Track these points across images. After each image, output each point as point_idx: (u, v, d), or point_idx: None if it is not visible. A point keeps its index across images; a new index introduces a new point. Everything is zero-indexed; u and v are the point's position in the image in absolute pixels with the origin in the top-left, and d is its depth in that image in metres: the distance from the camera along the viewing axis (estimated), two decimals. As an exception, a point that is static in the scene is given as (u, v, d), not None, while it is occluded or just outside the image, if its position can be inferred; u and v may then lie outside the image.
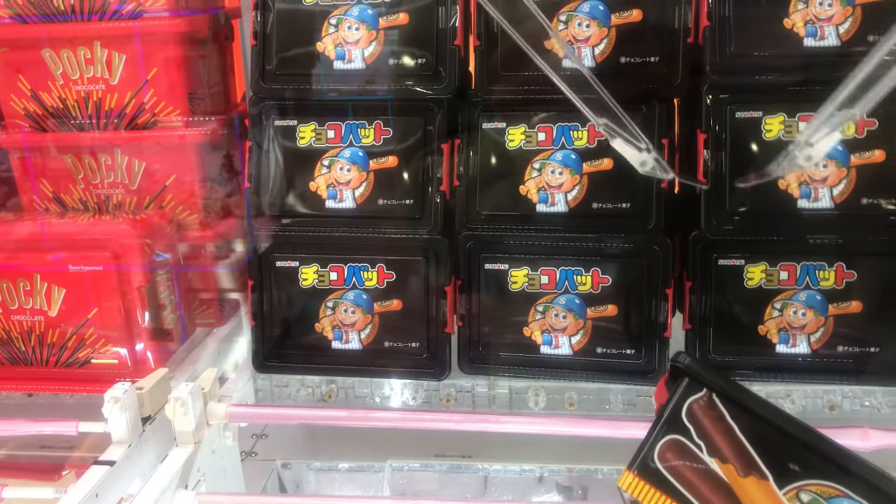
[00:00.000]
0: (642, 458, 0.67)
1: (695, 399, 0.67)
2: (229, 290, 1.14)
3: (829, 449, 0.64)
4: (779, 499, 0.63)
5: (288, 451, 1.15)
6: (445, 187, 0.96)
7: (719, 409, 0.66)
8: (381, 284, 0.97)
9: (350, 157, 0.97)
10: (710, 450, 0.65)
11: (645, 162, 0.80)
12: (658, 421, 0.67)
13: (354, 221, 0.97)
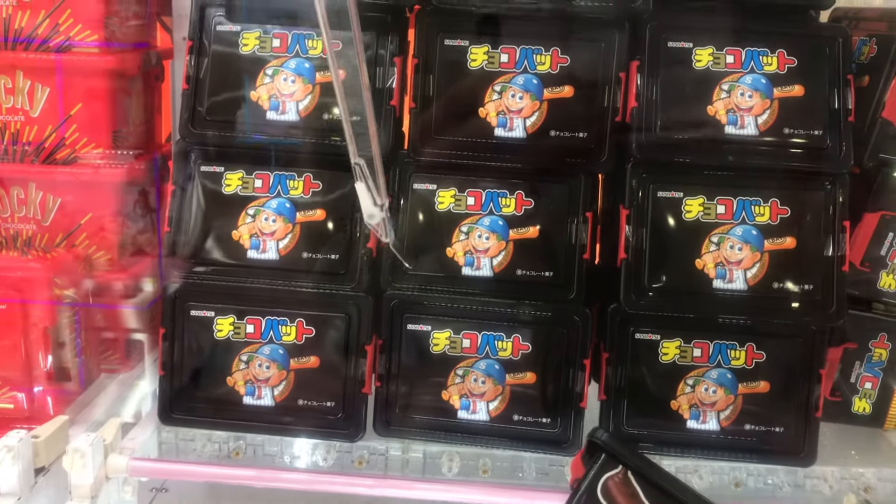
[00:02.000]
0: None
1: (611, 476, 0.67)
2: (137, 333, 1.09)
3: None
4: None
5: None
6: (373, 244, 0.95)
7: (633, 487, 0.67)
8: (300, 340, 0.95)
9: (276, 208, 0.96)
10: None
11: (373, 216, 0.82)
12: (573, 496, 0.68)
13: (276, 273, 0.95)
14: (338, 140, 0.94)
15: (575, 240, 0.94)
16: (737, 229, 0.92)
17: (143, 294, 1.10)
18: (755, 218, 0.92)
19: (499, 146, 0.94)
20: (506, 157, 0.94)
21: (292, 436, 0.97)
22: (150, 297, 1.10)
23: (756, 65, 0.92)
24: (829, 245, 0.91)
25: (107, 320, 1.08)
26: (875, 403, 1.01)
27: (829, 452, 0.98)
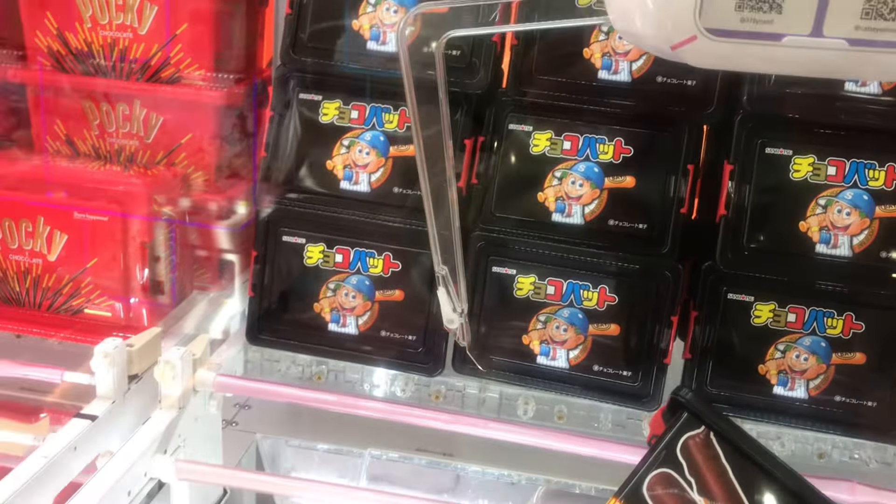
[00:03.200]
0: (631, 487, 0.66)
1: (691, 435, 0.66)
2: (229, 254, 1.12)
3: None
4: None
5: (269, 426, 1.14)
6: (463, 184, 0.94)
7: (715, 449, 0.65)
8: (386, 273, 0.96)
9: (371, 141, 0.96)
10: (700, 488, 0.65)
11: (452, 321, 0.81)
12: (652, 452, 0.67)
13: (367, 206, 0.96)
14: (432, 74, 0.93)
15: (673, 192, 0.91)
16: (847, 193, 0.87)
17: (237, 216, 1.13)
18: (868, 182, 0.87)
19: (602, 89, 0.92)
20: (608, 101, 0.92)
21: (373, 365, 0.99)
22: (243, 219, 1.13)
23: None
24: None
25: (201, 239, 1.11)
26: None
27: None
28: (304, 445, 1.13)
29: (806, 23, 0.52)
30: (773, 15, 0.52)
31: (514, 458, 1.07)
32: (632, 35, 0.58)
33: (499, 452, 1.07)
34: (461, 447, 1.09)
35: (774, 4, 0.52)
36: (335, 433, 1.12)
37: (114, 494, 0.73)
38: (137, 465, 0.77)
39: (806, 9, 0.52)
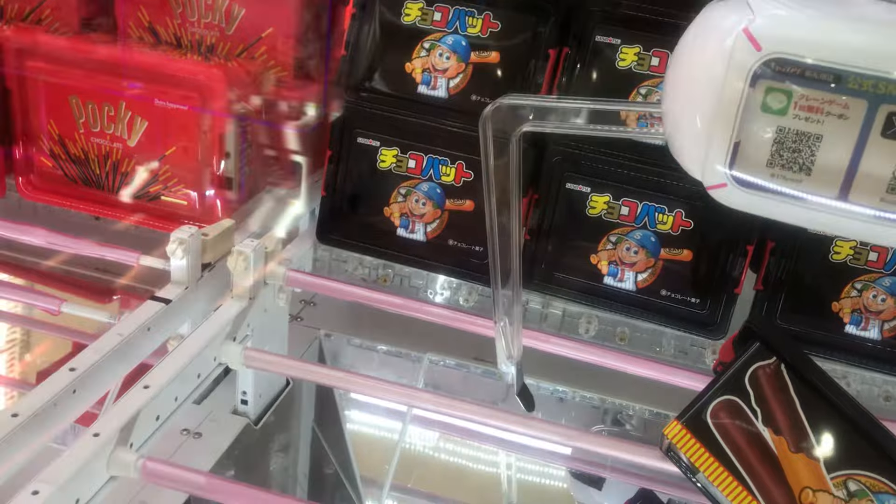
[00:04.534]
0: (695, 412, 0.66)
1: (761, 365, 0.65)
2: (299, 155, 1.12)
3: (889, 444, 0.62)
4: (825, 482, 0.62)
5: (332, 323, 1.16)
6: (544, 94, 0.92)
7: (784, 381, 0.64)
8: (458, 182, 0.95)
9: (452, 45, 0.94)
10: (766, 419, 0.64)
11: (504, 370, 0.80)
12: (719, 379, 0.66)
13: (443, 112, 0.95)
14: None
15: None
16: None
17: (309, 117, 1.13)
18: None
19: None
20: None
21: (438, 273, 0.99)
22: (314, 121, 1.12)
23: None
24: None
25: (273, 137, 1.12)
26: None
27: None
28: (366, 345, 1.15)
29: (833, 188, 0.53)
30: (802, 175, 0.53)
31: (570, 375, 1.08)
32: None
33: (556, 369, 1.08)
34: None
35: (804, 166, 0.53)
36: (396, 336, 1.14)
37: (185, 375, 0.76)
38: (207, 349, 0.79)
39: (834, 175, 0.53)
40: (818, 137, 0.53)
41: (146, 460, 0.66)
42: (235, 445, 0.94)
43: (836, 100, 0.51)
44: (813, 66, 0.51)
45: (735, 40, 0.52)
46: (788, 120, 0.53)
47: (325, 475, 1.25)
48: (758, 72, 0.52)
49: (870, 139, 0.51)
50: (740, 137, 0.54)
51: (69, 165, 1.05)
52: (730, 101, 0.53)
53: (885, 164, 0.52)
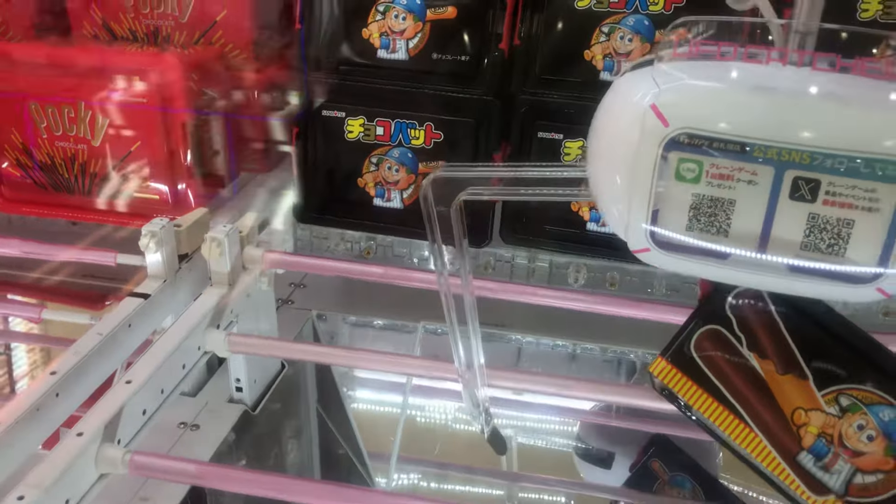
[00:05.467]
0: (677, 346, 0.64)
1: (741, 291, 0.63)
2: (276, 137, 1.11)
3: (877, 355, 0.61)
4: (816, 400, 0.61)
5: (324, 303, 1.15)
6: (505, 45, 0.90)
7: (766, 303, 0.62)
8: (428, 144, 0.94)
9: (407, 4, 0.91)
10: (751, 344, 0.63)
11: (473, 416, 0.78)
12: (699, 310, 0.64)
13: (406, 74, 0.93)
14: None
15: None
16: None
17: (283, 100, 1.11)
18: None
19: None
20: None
21: (420, 238, 0.98)
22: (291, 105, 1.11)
23: None
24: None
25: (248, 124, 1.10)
26: None
27: None
28: (360, 322, 1.14)
29: (750, 248, 0.56)
30: (721, 238, 0.56)
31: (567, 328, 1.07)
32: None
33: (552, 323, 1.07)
34: (514, 319, 1.09)
35: (721, 229, 0.56)
36: (389, 308, 1.13)
37: (169, 366, 0.75)
38: (190, 339, 0.78)
39: (750, 236, 0.56)
40: (731, 202, 0.55)
41: (134, 454, 0.65)
42: (237, 434, 0.93)
43: (745, 167, 0.54)
44: (719, 137, 0.53)
45: (644, 115, 0.54)
46: (702, 187, 0.55)
47: (337, 456, 1.24)
48: (668, 145, 0.54)
49: (779, 202, 0.54)
50: (658, 205, 0.57)
51: (37, 173, 1.04)
52: (645, 171, 0.55)
53: (795, 224, 0.55)
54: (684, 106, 0.54)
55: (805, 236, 0.55)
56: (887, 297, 0.57)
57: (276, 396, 1.02)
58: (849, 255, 0.55)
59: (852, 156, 0.52)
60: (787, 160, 0.53)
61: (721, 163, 0.54)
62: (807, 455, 0.61)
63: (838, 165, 0.52)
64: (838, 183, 0.53)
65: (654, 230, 0.58)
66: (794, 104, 0.53)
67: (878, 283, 0.55)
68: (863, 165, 0.52)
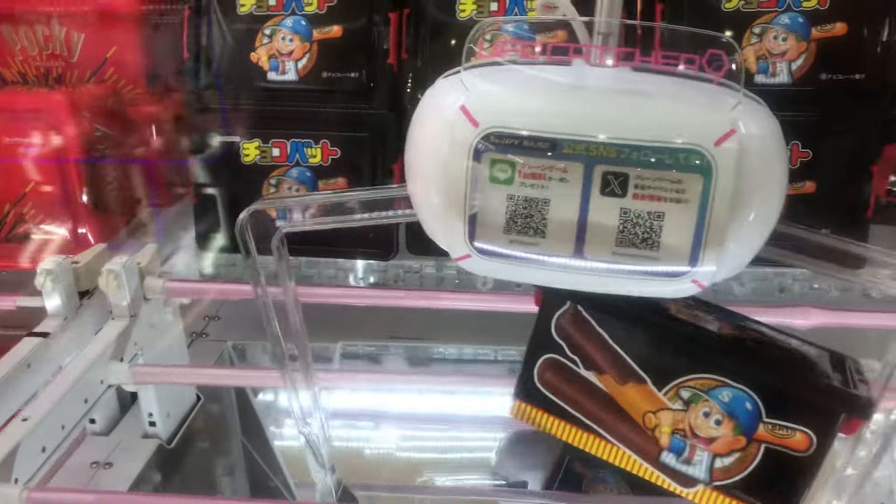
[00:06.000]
0: (525, 384, 0.65)
1: (561, 313, 0.64)
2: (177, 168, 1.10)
3: (698, 338, 0.62)
4: (660, 400, 0.62)
5: (241, 334, 1.14)
6: (393, 60, 0.92)
7: (586, 319, 0.63)
8: (326, 161, 0.94)
9: (293, 27, 0.93)
10: (586, 363, 0.63)
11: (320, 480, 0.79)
12: (530, 343, 0.65)
13: (297, 95, 0.93)
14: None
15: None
16: (782, 17, 0.84)
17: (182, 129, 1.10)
18: (802, 4, 0.84)
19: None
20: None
21: (324, 256, 0.98)
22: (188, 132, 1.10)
23: None
24: (884, 30, 0.83)
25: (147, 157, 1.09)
26: (935, 203, 0.95)
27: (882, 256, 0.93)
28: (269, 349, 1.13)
29: (568, 247, 0.56)
30: (539, 238, 0.56)
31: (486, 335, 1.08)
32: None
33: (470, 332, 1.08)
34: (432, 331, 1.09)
35: (539, 230, 0.56)
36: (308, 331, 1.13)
37: (69, 401, 0.73)
38: (91, 372, 0.77)
39: (567, 235, 0.56)
40: (546, 201, 0.55)
41: (31, 492, 0.63)
42: (158, 469, 0.91)
43: (556, 165, 0.54)
44: (528, 136, 0.53)
45: (454, 118, 0.54)
46: (516, 188, 0.55)
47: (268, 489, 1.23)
48: (479, 146, 0.54)
49: (591, 198, 0.55)
50: (475, 209, 0.56)
51: (-70, 222, 1.01)
52: (459, 176, 0.55)
53: (609, 219, 0.55)
54: (493, 105, 0.54)
55: (619, 232, 0.56)
56: (703, 289, 0.58)
57: (198, 431, 1.01)
58: (663, 249, 0.56)
59: (656, 147, 0.53)
60: (595, 155, 0.54)
61: (532, 162, 0.55)
62: (668, 454, 0.63)
63: (644, 158, 0.53)
64: (645, 176, 0.54)
65: (472, 235, 0.58)
66: (597, 100, 0.54)
67: (692, 275, 0.56)
68: (667, 157, 0.53)
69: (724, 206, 0.53)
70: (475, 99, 0.54)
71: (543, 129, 0.53)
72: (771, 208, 0.56)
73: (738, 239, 0.55)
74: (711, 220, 0.54)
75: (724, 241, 0.54)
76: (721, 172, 0.52)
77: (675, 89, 0.55)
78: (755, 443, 0.61)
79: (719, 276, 0.58)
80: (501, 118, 0.54)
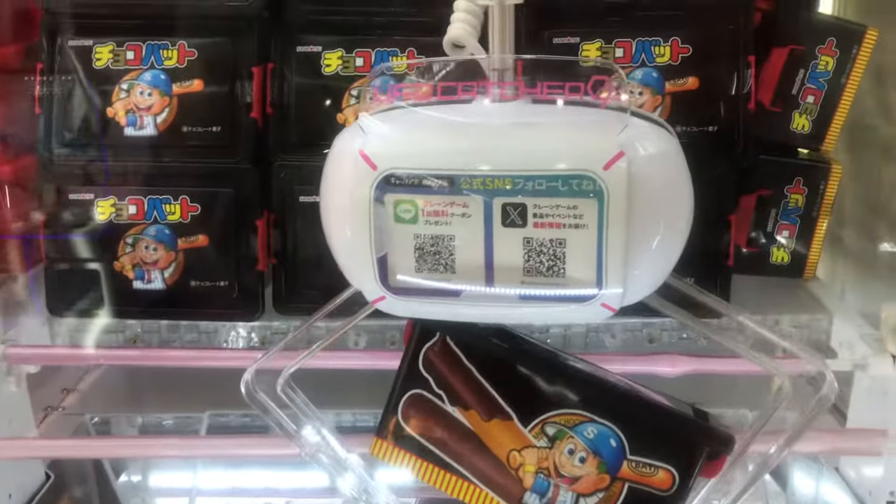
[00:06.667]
0: (387, 421, 0.63)
1: (430, 346, 0.63)
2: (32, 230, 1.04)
3: (565, 373, 0.62)
4: (525, 437, 0.61)
5: (101, 406, 1.07)
6: (257, 114, 0.90)
7: (454, 353, 0.62)
8: (186, 218, 0.91)
9: (151, 81, 0.90)
10: (452, 399, 0.62)
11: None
12: (396, 378, 0.64)
13: (156, 150, 0.90)
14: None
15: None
16: (637, 73, 0.87)
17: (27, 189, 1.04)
18: (655, 59, 0.87)
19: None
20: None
21: (186, 319, 0.93)
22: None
23: None
24: (732, 84, 0.86)
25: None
26: (793, 252, 0.98)
27: (744, 304, 0.95)
28: (135, 422, 1.07)
29: (479, 281, 0.57)
30: (450, 275, 0.58)
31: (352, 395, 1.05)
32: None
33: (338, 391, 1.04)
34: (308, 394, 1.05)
35: (448, 266, 0.57)
36: (171, 403, 1.07)
37: None
38: None
39: (476, 270, 0.57)
40: (451, 238, 0.57)
41: None
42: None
43: (456, 200, 0.56)
44: (426, 174, 0.55)
45: (354, 162, 0.56)
46: (421, 226, 0.57)
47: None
48: (380, 187, 0.56)
49: (495, 231, 0.56)
50: (385, 250, 0.58)
51: None
52: (363, 219, 0.57)
53: (514, 251, 0.56)
54: (389, 148, 0.56)
55: (525, 262, 0.56)
56: (615, 312, 0.58)
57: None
58: (569, 275, 0.57)
59: (548, 175, 0.54)
60: (492, 188, 0.54)
61: (434, 199, 0.56)
62: (531, 495, 0.61)
63: (538, 187, 0.54)
64: (542, 204, 0.55)
65: (384, 277, 0.58)
66: (489, 134, 0.56)
67: (600, 298, 0.57)
68: (560, 184, 0.54)
69: (620, 228, 0.54)
70: (372, 143, 0.56)
71: (439, 167, 0.55)
72: (673, 229, 0.58)
73: (640, 260, 0.56)
74: (609, 242, 0.54)
75: (625, 263, 0.55)
76: (612, 195, 0.53)
77: (565, 118, 0.57)
78: (619, 481, 0.60)
79: (629, 299, 0.59)
80: (398, 159, 0.55)
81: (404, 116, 0.58)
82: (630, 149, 0.53)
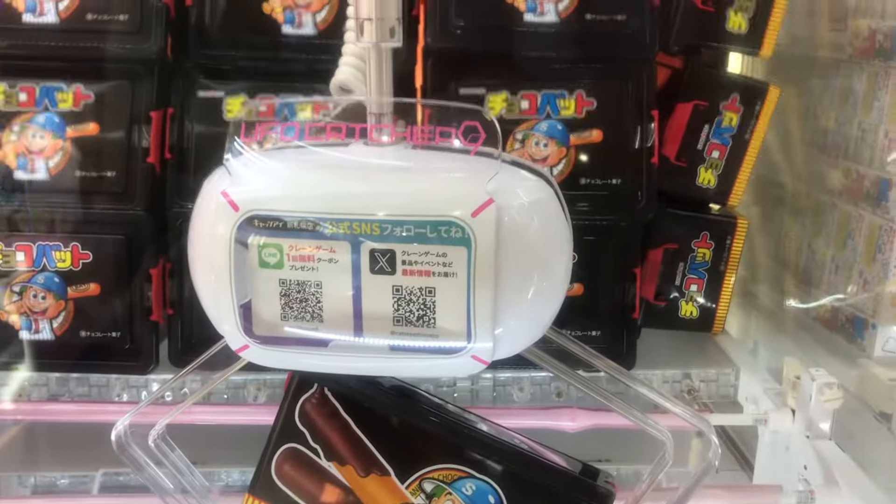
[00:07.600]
0: (260, 477, 0.60)
1: (307, 398, 0.60)
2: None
3: (445, 426, 0.60)
4: (401, 493, 0.58)
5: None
6: (154, 159, 0.87)
7: (332, 405, 0.60)
8: (77, 266, 0.87)
9: (44, 123, 0.87)
10: (328, 453, 0.60)
11: None
12: (271, 431, 0.61)
13: (46, 195, 0.86)
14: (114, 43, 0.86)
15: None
16: (542, 125, 0.87)
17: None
18: (560, 112, 0.87)
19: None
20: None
21: (76, 371, 0.89)
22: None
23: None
24: (635, 137, 0.86)
25: None
26: (702, 307, 0.98)
27: (653, 358, 0.95)
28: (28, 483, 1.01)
29: (348, 331, 0.55)
30: (317, 324, 0.55)
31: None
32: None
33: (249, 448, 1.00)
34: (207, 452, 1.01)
35: (315, 314, 0.55)
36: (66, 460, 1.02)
37: None
38: None
39: (344, 318, 0.54)
40: (318, 284, 0.54)
41: None
42: None
43: (322, 245, 0.53)
44: (291, 217, 0.52)
45: (217, 204, 0.53)
46: (287, 272, 0.54)
47: None
48: (243, 230, 0.53)
49: (363, 278, 0.53)
50: (249, 297, 0.55)
51: None
52: (224, 263, 0.54)
53: (383, 298, 0.54)
54: (252, 189, 0.54)
55: (395, 310, 0.54)
56: (486, 365, 0.56)
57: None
58: (439, 325, 0.54)
59: (417, 221, 0.52)
60: (359, 233, 0.52)
61: (299, 243, 0.53)
62: None
63: (406, 233, 0.52)
64: (411, 251, 0.52)
65: (248, 324, 0.55)
66: (356, 177, 0.54)
67: (470, 350, 0.55)
68: (429, 230, 0.52)
69: (489, 278, 0.52)
70: (236, 183, 0.53)
71: (303, 210, 0.52)
72: (548, 280, 0.55)
73: (512, 311, 0.54)
74: (477, 293, 0.52)
75: (494, 314, 0.53)
76: (480, 244, 0.51)
77: (438, 163, 0.55)
78: (497, 537, 0.58)
79: (504, 352, 0.56)
80: (261, 201, 0.53)
81: (273, 158, 0.55)
82: (501, 197, 0.51)
